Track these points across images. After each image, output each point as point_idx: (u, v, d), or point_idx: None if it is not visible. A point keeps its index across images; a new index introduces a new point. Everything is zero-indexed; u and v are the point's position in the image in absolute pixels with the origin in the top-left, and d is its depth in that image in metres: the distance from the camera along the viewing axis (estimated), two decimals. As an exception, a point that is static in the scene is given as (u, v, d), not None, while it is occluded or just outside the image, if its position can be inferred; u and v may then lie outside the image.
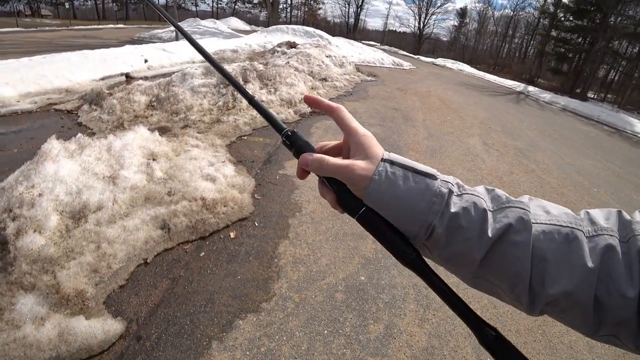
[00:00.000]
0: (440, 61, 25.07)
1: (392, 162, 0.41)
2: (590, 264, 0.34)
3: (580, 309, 0.35)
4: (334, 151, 0.47)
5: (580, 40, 25.18)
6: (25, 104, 5.03)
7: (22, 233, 2.05)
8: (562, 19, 26.25)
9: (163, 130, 4.14)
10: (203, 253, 2.37)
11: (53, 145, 2.73)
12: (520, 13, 43.70)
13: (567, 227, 0.37)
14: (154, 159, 3.07)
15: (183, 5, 57.91)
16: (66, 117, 4.74)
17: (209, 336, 1.81)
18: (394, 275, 2.40)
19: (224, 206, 2.73)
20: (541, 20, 33.39)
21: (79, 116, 4.73)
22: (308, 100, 0.48)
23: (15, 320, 1.69)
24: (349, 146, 0.44)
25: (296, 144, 0.45)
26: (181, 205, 2.58)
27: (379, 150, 0.42)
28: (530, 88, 18.95)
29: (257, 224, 2.73)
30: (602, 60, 23.61)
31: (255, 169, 3.57)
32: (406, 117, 6.68)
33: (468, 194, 0.40)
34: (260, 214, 2.86)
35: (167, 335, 1.78)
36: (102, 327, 1.73)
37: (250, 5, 66.08)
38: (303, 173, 0.44)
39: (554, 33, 27.23)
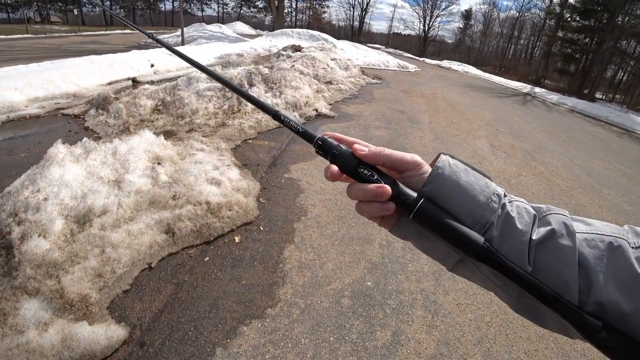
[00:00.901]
0: (445, 63, 24.97)
1: (452, 157, 0.42)
2: (638, 269, 0.34)
3: (628, 320, 0.33)
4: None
5: (587, 40, 24.92)
6: (34, 109, 5.08)
7: (27, 237, 2.04)
8: (569, 19, 26.01)
9: (168, 134, 4.15)
10: (207, 258, 2.35)
11: (59, 149, 2.73)
12: (526, 14, 43.42)
13: (610, 235, 0.37)
14: (159, 163, 3.07)
15: (189, 10, 58.56)
16: (73, 122, 4.78)
17: (213, 342, 1.78)
18: (401, 280, 2.36)
19: (229, 210, 2.71)
20: (547, 21, 33.14)
21: (85, 120, 4.76)
22: (331, 137, 0.46)
23: (19, 325, 1.68)
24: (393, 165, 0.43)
25: (331, 152, 0.44)
26: (186, 209, 2.57)
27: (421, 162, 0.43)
28: (537, 89, 18.77)
29: (262, 228, 2.70)
30: (610, 60, 23.31)
31: (261, 173, 3.55)
32: (412, 120, 6.63)
33: (516, 200, 0.41)
34: (266, 218, 2.84)
35: (170, 342, 1.76)
36: (106, 333, 1.72)
37: (256, 10, 66.62)
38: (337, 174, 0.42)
39: (560, 34, 26.98)
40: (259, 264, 2.35)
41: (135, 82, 7.06)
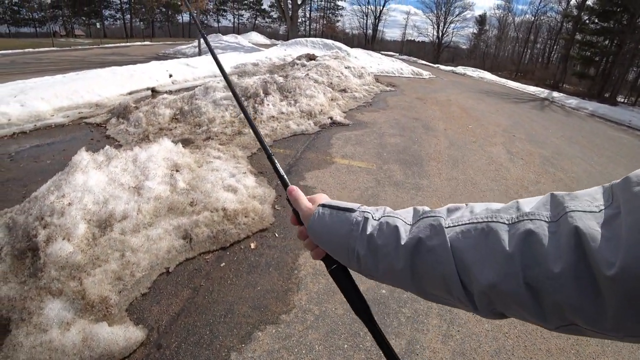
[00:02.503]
0: (460, 69, 24.76)
1: (324, 205, 0.52)
2: (508, 249, 0.34)
3: (517, 300, 0.34)
4: None
5: (607, 42, 24.29)
6: (59, 118, 5.30)
7: (52, 240, 2.12)
8: (587, 21, 25.45)
9: (186, 142, 4.25)
10: (224, 263, 2.38)
11: (83, 156, 2.84)
12: (542, 18, 42.73)
13: (484, 222, 0.38)
14: (177, 170, 3.14)
15: (205, 22, 60.06)
16: (95, 130, 4.96)
17: (228, 347, 1.80)
18: (416, 287, 2.33)
19: (245, 217, 2.75)
20: (564, 24, 32.49)
21: (107, 129, 4.93)
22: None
23: (43, 324, 1.74)
24: None
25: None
26: (203, 215, 2.62)
27: (322, 198, 0.56)
28: (555, 94, 18.37)
29: (277, 235, 2.73)
30: (631, 63, 22.61)
31: (276, 180, 3.59)
32: (427, 127, 6.60)
33: (385, 216, 0.47)
34: (281, 225, 2.86)
35: (186, 345, 1.79)
36: (124, 334, 1.76)
37: (270, 20, 67.85)
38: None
39: (578, 36, 26.37)
40: (274, 270, 2.37)
41: (154, 91, 7.28)
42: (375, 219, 0.46)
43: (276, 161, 0.63)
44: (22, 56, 16.98)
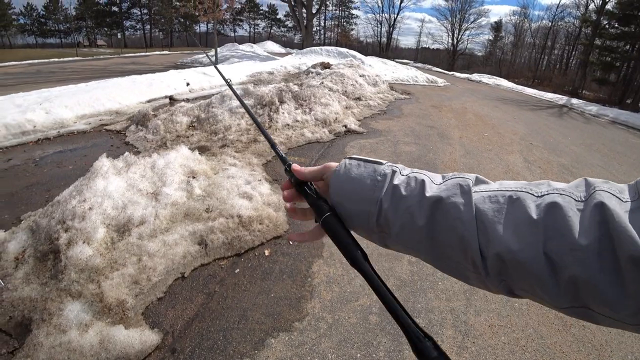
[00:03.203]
0: (475, 77, 24.52)
1: (350, 158, 0.51)
2: (534, 216, 0.34)
3: (532, 271, 0.33)
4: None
5: (627, 47, 23.67)
6: (81, 125, 5.48)
7: (72, 243, 2.19)
8: (607, 26, 24.87)
9: (203, 150, 4.33)
10: (238, 270, 2.40)
11: (103, 162, 2.93)
12: (559, 23, 42.02)
13: (512, 190, 0.38)
14: (193, 177, 3.20)
15: (222, 31, 61.40)
16: (115, 137, 5.10)
17: (241, 353, 1.81)
18: (431, 298, 2.30)
19: (260, 224, 2.78)
20: (583, 29, 31.87)
21: (126, 136, 5.07)
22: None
23: (62, 325, 1.79)
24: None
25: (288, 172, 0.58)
26: (218, 222, 2.66)
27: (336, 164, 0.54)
28: (574, 100, 17.94)
29: (291, 243, 2.74)
30: (654, 68, 21.97)
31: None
32: (442, 135, 6.54)
33: (414, 172, 0.46)
34: (295, 232, 2.87)
35: (200, 350, 1.81)
36: (140, 337, 1.79)
37: (285, 29, 68.90)
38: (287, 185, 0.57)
39: (597, 42, 25.77)
40: (287, 277, 2.38)
41: (172, 99, 7.45)
42: (402, 174, 0.46)
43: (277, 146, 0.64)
44: (47, 65, 17.70)
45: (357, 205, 0.47)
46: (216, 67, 0.87)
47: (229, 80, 0.88)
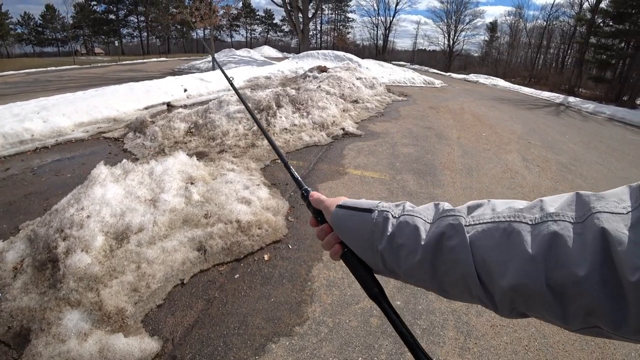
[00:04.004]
0: (472, 77, 24.60)
1: (341, 207, 0.53)
2: (530, 251, 0.33)
3: (539, 301, 0.33)
4: None
5: (623, 45, 23.77)
6: (79, 133, 5.48)
7: (71, 252, 2.18)
8: (601, 24, 24.98)
9: (201, 155, 4.33)
10: (237, 275, 2.39)
11: (101, 170, 2.92)
12: (554, 22, 42.25)
13: (506, 221, 0.37)
14: (192, 183, 3.20)
15: (219, 37, 61.61)
16: (113, 144, 5.10)
17: (242, 359, 1.79)
18: (432, 300, 2.29)
19: (259, 228, 2.77)
20: (578, 28, 32.02)
21: (124, 143, 5.06)
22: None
23: (61, 334, 1.77)
24: None
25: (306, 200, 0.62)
26: (217, 227, 2.65)
27: (336, 201, 0.56)
28: (571, 99, 18.00)
29: (290, 247, 2.73)
30: (650, 64, 22.04)
31: (289, 192, 3.61)
32: (440, 136, 6.55)
33: (405, 214, 0.46)
34: (294, 236, 2.87)
35: (200, 357, 1.79)
36: (140, 345, 1.78)
37: (282, 34, 69.17)
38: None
39: (593, 40, 25.87)
40: (287, 281, 2.37)
41: (169, 106, 7.47)
42: (395, 217, 0.46)
43: (291, 167, 0.66)
44: (45, 74, 17.73)
45: (362, 252, 0.49)
46: (221, 69, 0.88)
47: (231, 79, 0.91)
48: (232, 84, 0.78)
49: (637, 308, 0.28)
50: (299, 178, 0.62)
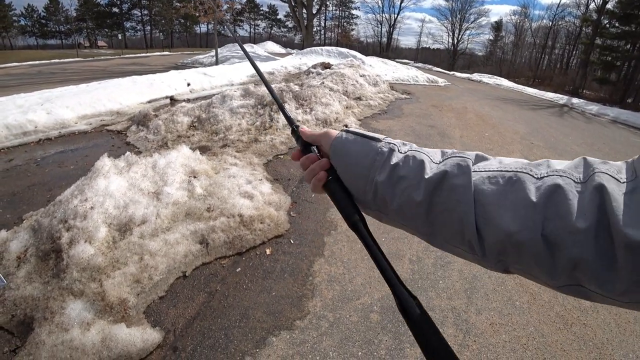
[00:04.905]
0: (476, 76, 24.48)
1: (347, 131, 0.51)
2: (533, 199, 0.34)
3: (530, 251, 0.34)
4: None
5: (628, 46, 23.63)
6: (82, 125, 5.49)
7: (74, 243, 2.19)
8: (607, 25, 24.83)
9: (204, 149, 4.33)
10: (239, 268, 2.40)
11: (105, 162, 2.93)
12: (560, 23, 41.97)
13: (512, 171, 0.37)
14: (194, 177, 3.21)
15: (222, 32, 61.42)
16: (116, 137, 5.11)
17: (243, 351, 1.81)
18: (432, 297, 2.30)
19: (261, 223, 2.78)
20: (583, 28, 31.82)
21: (127, 136, 5.08)
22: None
23: (64, 323, 1.79)
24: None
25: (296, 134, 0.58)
26: (219, 221, 2.66)
27: (336, 132, 0.53)
28: (575, 100, 17.91)
29: (292, 242, 2.74)
30: (655, 68, 21.95)
31: (292, 187, 3.62)
32: (442, 134, 6.54)
33: (412, 150, 0.46)
34: (296, 231, 2.88)
35: (202, 348, 1.81)
36: (142, 336, 1.79)
37: (285, 30, 68.98)
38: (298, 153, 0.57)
39: (598, 41, 25.73)
40: (289, 276, 2.38)
41: (172, 100, 7.47)
42: (401, 152, 0.46)
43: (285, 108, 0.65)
44: (48, 67, 17.74)
45: (354, 182, 0.47)
46: (239, 43, 0.86)
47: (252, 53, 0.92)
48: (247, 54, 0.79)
49: (625, 267, 0.29)
50: (290, 116, 0.61)
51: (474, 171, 0.39)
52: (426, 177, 0.41)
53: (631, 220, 0.29)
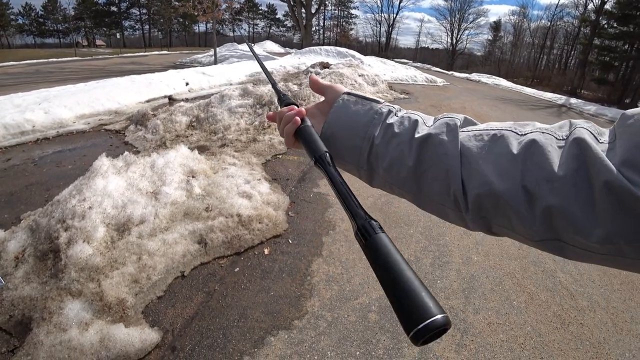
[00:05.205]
0: (474, 76, 24.52)
1: (349, 94, 0.52)
2: (514, 151, 0.35)
3: (509, 203, 0.34)
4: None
5: (626, 47, 23.71)
6: (80, 125, 5.48)
7: (72, 243, 2.19)
8: (606, 26, 24.91)
9: (202, 149, 4.33)
10: (238, 268, 2.41)
11: (103, 162, 2.93)
12: (558, 23, 42.06)
13: (497, 129, 0.39)
14: (193, 177, 3.21)
15: (221, 31, 61.34)
16: (114, 137, 5.10)
17: (241, 351, 1.81)
18: (430, 296, 2.31)
19: (259, 223, 2.78)
20: (582, 29, 31.91)
21: (125, 135, 5.07)
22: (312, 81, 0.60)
23: (62, 323, 1.79)
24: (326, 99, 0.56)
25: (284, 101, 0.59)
26: (218, 221, 2.66)
27: (343, 88, 0.55)
28: (573, 100, 17.98)
29: (290, 241, 2.75)
30: (653, 68, 22.02)
31: (290, 187, 3.62)
32: (440, 134, 6.55)
33: (408, 113, 0.48)
34: (294, 231, 2.88)
35: (200, 348, 1.81)
36: (140, 336, 1.79)
37: (284, 29, 68.92)
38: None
39: (596, 41, 25.82)
40: (287, 276, 2.38)
41: (171, 99, 7.46)
42: (398, 115, 0.48)
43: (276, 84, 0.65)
44: (46, 65, 17.68)
45: (351, 140, 0.49)
46: (249, 44, 0.90)
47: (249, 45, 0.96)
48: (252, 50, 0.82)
49: (605, 211, 0.29)
50: (280, 90, 0.63)
51: (461, 131, 0.42)
52: (416, 136, 0.43)
53: (610, 164, 0.30)
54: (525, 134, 0.37)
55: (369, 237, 0.34)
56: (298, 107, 0.54)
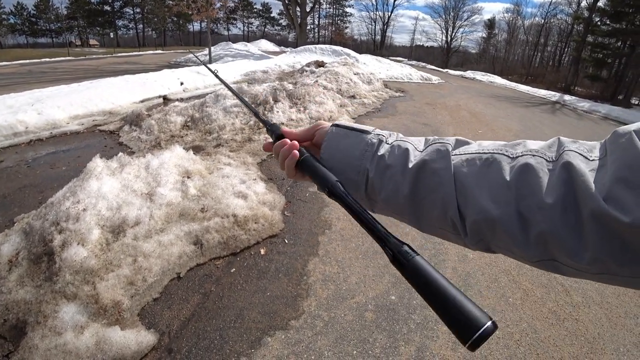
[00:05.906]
0: (469, 74, 24.60)
1: (337, 126, 0.52)
2: (507, 178, 0.36)
3: (506, 228, 0.35)
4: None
5: (619, 44, 23.89)
6: (74, 126, 5.43)
7: (67, 245, 2.17)
8: (598, 23, 25.07)
9: (197, 149, 4.31)
10: (234, 269, 2.40)
11: (97, 163, 2.91)
12: (552, 20, 42.27)
13: (489, 153, 0.40)
14: (188, 177, 3.19)
15: (216, 30, 61.05)
16: (109, 137, 5.07)
17: (238, 352, 1.81)
18: (426, 294, 2.32)
19: (255, 223, 2.78)
20: (575, 26, 32.10)
21: (120, 136, 5.03)
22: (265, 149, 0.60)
23: (58, 327, 1.78)
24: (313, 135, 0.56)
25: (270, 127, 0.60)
26: (214, 221, 2.65)
27: (327, 123, 0.56)
28: (567, 97, 18.10)
29: (287, 241, 2.74)
30: (645, 64, 22.19)
31: (286, 187, 3.62)
32: (436, 132, 6.57)
33: (398, 140, 0.48)
34: (290, 231, 2.88)
35: (197, 349, 1.81)
36: (136, 338, 1.79)
37: (279, 28, 68.71)
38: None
39: (590, 38, 25.98)
40: (283, 276, 2.38)
41: (166, 99, 7.41)
42: (388, 143, 0.48)
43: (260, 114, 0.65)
44: (39, 66, 17.50)
45: (346, 174, 0.49)
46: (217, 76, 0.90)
47: (215, 71, 0.95)
48: (218, 77, 0.81)
49: (592, 236, 0.30)
50: (264, 119, 0.63)
51: (453, 154, 0.42)
52: (410, 165, 0.43)
53: (597, 191, 0.30)
54: (516, 157, 0.37)
55: (407, 262, 0.34)
56: (285, 135, 0.55)
